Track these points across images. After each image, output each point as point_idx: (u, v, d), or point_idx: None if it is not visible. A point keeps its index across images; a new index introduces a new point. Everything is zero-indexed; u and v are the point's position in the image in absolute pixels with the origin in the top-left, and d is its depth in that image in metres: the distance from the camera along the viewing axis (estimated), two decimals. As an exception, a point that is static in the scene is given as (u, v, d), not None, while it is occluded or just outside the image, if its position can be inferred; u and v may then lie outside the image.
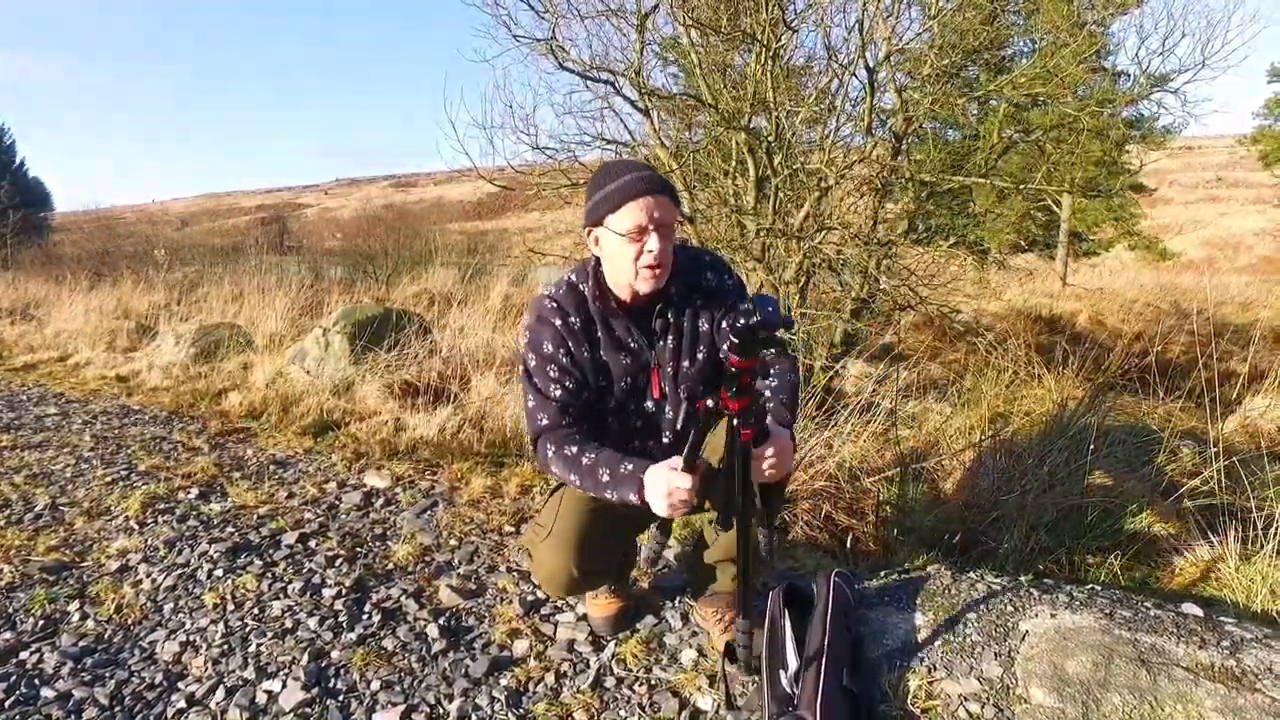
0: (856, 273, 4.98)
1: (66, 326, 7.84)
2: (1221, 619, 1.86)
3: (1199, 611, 1.91)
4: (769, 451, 1.56)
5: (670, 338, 1.83)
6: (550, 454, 1.73)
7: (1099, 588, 2.11)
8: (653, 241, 1.67)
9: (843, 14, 5.13)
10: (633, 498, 1.59)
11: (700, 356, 1.86)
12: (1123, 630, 1.76)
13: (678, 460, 1.53)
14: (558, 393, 1.78)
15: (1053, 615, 1.88)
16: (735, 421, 1.49)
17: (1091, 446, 3.12)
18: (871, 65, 4.55)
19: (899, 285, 5.03)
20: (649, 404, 1.87)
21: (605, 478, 1.64)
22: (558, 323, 1.80)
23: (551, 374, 1.79)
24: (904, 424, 3.94)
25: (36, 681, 1.98)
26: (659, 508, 1.55)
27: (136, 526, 2.92)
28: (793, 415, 1.70)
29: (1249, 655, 1.65)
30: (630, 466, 1.62)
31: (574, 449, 1.70)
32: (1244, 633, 1.75)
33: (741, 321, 1.34)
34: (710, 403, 1.47)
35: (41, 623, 2.25)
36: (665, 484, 1.52)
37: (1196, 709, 1.51)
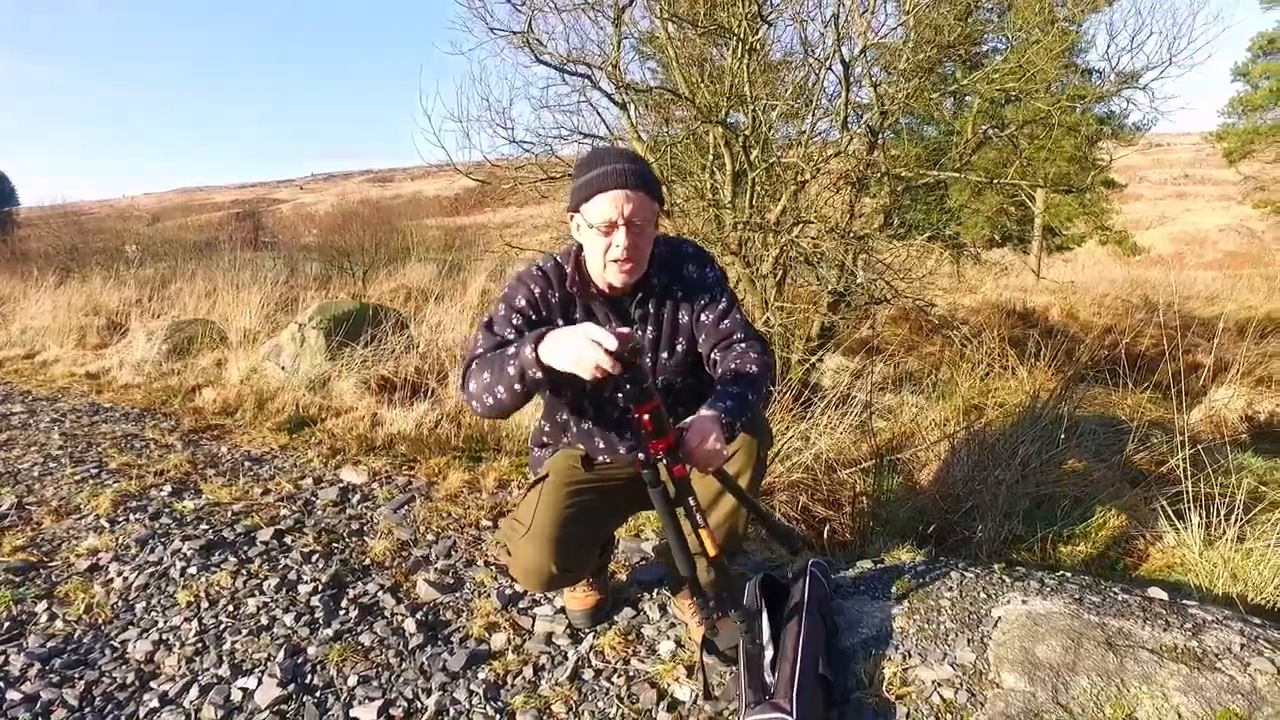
0: (833, 266, 5.01)
1: (33, 323, 7.68)
2: (1185, 602, 1.90)
3: (1164, 595, 1.95)
4: (693, 442, 1.52)
5: (650, 328, 1.83)
6: (473, 367, 1.66)
7: (1069, 574, 2.15)
8: (620, 237, 1.65)
9: (819, 8, 5.16)
10: (528, 351, 1.51)
11: (679, 348, 1.86)
12: (1091, 615, 1.80)
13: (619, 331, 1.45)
14: (509, 334, 1.73)
15: (1024, 601, 1.91)
16: (665, 461, 1.49)
17: (1063, 437, 3.18)
18: (847, 60, 4.58)
19: (875, 279, 5.07)
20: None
21: (511, 349, 1.57)
22: (536, 290, 1.78)
23: (513, 321, 1.75)
24: (880, 416, 3.98)
25: (2, 684, 1.94)
26: (568, 360, 1.45)
27: (107, 525, 2.88)
28: (738, 402, 1.65)
29: (1210, 636, 1.69)
30: (535, 330, 1.56)
31: (489, 351, 1.65)
32: (1206, 615, 1.80)
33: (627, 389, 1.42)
34: (643, 457, 1.50)
35: (7, 624, 2.21)
36: (586, 338, 1.42)
37: (1160, 689, 1.55)
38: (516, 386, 1.56)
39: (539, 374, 1.51)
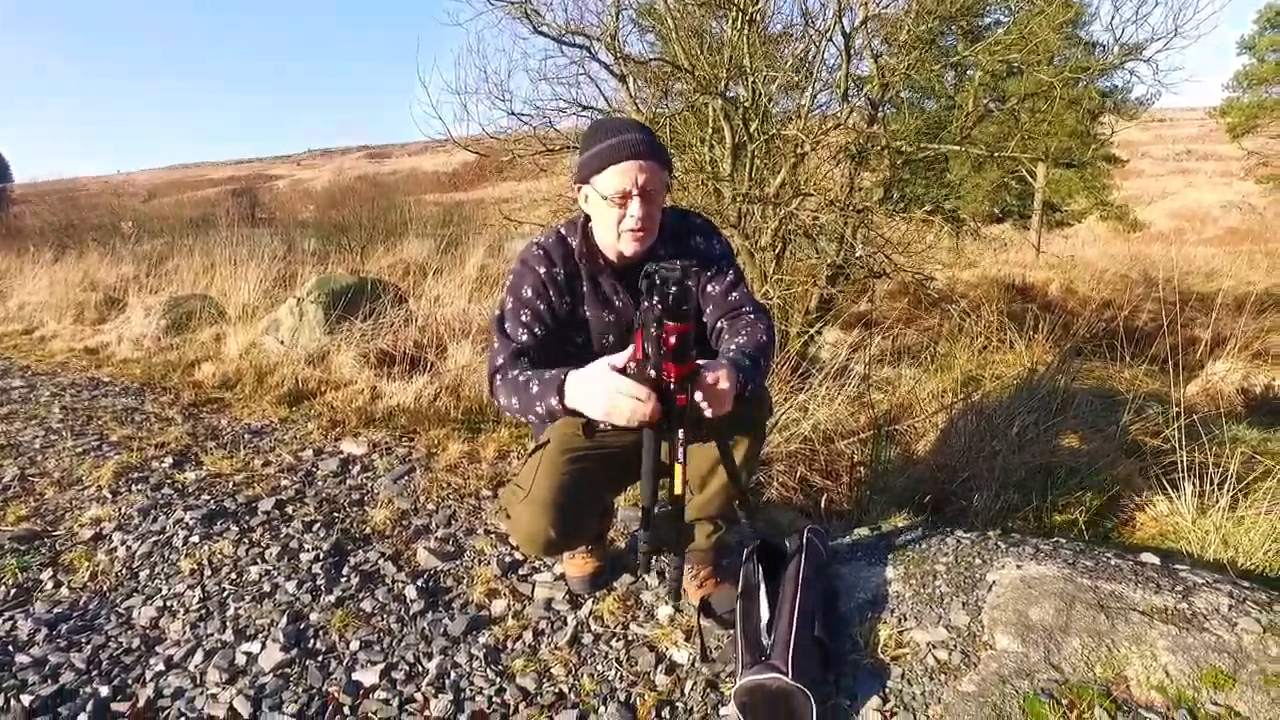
0: (832, 239, 5.00)
1: (30, 299, 7.67)
2: (1177, 566, 1.93)
3: (1156, 560, 1.98)
4: (709, 378, 1.48)
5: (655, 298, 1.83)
6: (498, 383, 1.71)
7: (1063, 540, 2.18)
8: (635, 207, 1.65)
9: (819, -22, 5.09)
10: (554, 401, 1.54)
11: None
12: (1084, 579, 1.82)
13: (618, 357, 1.48)
14: (523, 336, 1.76)
15: (1019, 566, 1.94)
16: (672, 386, 1.43)
17: (1059, 408, 3.20)
18: (848, 31, 4.54)
19: (874, 252, 5.06)
20: (631, 364, 1.87)
21: (535, 388, 1.60)
22: (541, 270, 1.79)
23: (523, 318, 1.78)
24: (878, 388, 4.00)
25: (10, 648, 1.97)
26: (598, 412, 1.47)
27: (109, 495, 2.89)
28: (753, 364, 1.66)
29: (1200, 598, 1.71)
30: (553, 372, 1.58)
31: (515, 373, 1.68)
32: (1197, 578, 1.82)
33: (671, 286, 1.36)
34: (653, 374, 1.44)
35: (14, 591, 2.23)
36: (608, 384, 1.45)
37: (1149, 648, 1.57)
38: (549, 420, 1.62)
39: (567, 416, 1.57)
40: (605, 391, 1.45)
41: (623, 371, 1.47)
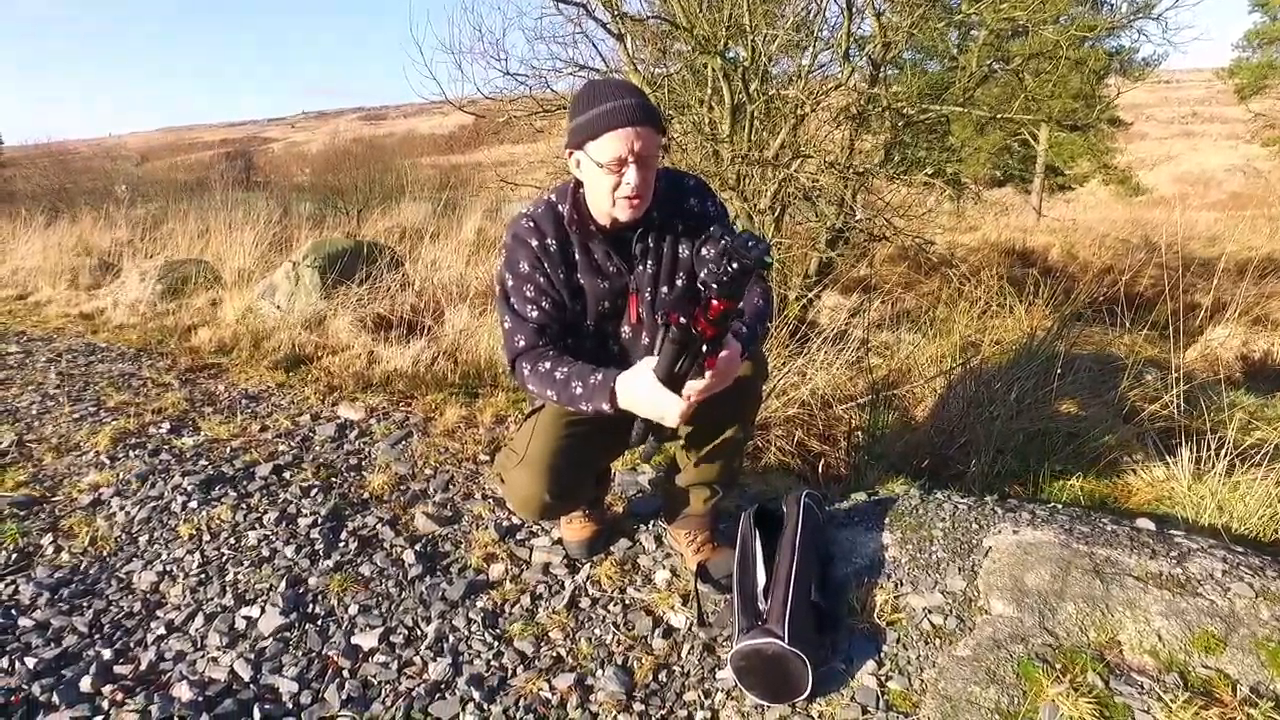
0: (832, 203, 4.94)
1: (24, 264, 7.60)
2: (1172, 532, 1.94)
3: (1152, 526, 1.99)
4: (724, 365, 1.52)
5: (650, 263, 1.80)
6: (527, 373, 1.72)
7: (1060, 506, 2.18)
8: (631, 174, 1.62)
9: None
10: (606, 407, 1.59)
11: (679, 282, 1.84)
12: (1080, 544, 1.83)
13: (651, 360, 1.51)
14: (534, 314, 1.76)
15: (1015, 532, 1.94)
16: (705, 348, 1.46)
17: (1058, 374, 3.19)
18: (851, -13, 4.43)
19: (874, 216, 5.01)
20: (625, 329, 1.86)
21: (578, 389, 1.63)
22: (534, 243, 1.76)
23: (528, 294, 1.76)
24: (876, 353, 3.99)
25: (13, 611, 1.98)
26: (648, 413, 1.55)
27: (107, 461, 2.90)
28: (750, 332, 1.67)
29: (1194, 564, 1.72)
30: (600, 376, 1.61)
31: (548, 365, 1.69)
32: (1191, 544, 1.83)
33: (734, 265, 1.30)
34: (683, 319, 1.45)
35: (14, 556, 2.24)
36: (659, 393, 1.50)
37: (1143, 614, 1.58)
38: (591, 414, 1.66)
39: (615, 414, 1.61)
40: (651, 395, 1.52)
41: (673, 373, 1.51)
